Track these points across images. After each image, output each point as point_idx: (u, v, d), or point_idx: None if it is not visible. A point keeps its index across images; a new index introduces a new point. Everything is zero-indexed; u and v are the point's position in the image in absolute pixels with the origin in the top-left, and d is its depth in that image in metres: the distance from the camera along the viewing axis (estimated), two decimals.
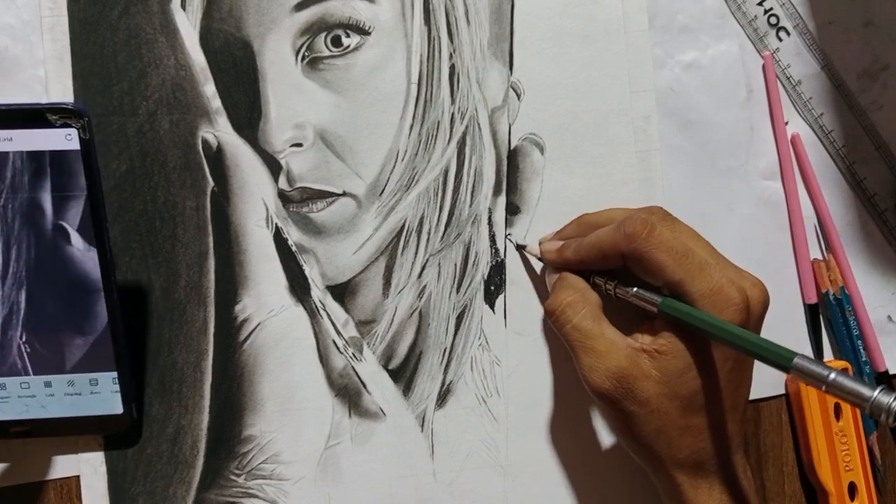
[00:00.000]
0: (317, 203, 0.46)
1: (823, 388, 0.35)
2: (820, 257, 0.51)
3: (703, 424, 0.41)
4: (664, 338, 0.41)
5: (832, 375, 0.35)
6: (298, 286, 0.46)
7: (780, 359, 0.37)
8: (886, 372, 0.51)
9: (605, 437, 0.49)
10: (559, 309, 0.43)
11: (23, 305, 0.41)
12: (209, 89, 0.45)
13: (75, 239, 0.40)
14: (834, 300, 0.50)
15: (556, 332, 0.43)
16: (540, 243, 0.47)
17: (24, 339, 0.42)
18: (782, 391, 0.51)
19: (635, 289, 0.42)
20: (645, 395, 0.40)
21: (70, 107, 0.39)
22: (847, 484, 0.49)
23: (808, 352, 0.51)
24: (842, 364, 0.50)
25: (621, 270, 0.43)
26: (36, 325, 0.42)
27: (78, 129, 0.39)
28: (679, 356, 0.40)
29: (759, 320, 0.41)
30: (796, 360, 0.36)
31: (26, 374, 0.42)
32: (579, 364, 0.42)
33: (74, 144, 0.39)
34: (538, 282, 0.48)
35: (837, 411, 0.49)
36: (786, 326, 0.50)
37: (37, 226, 0.40)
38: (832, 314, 0.50)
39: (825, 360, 0.51)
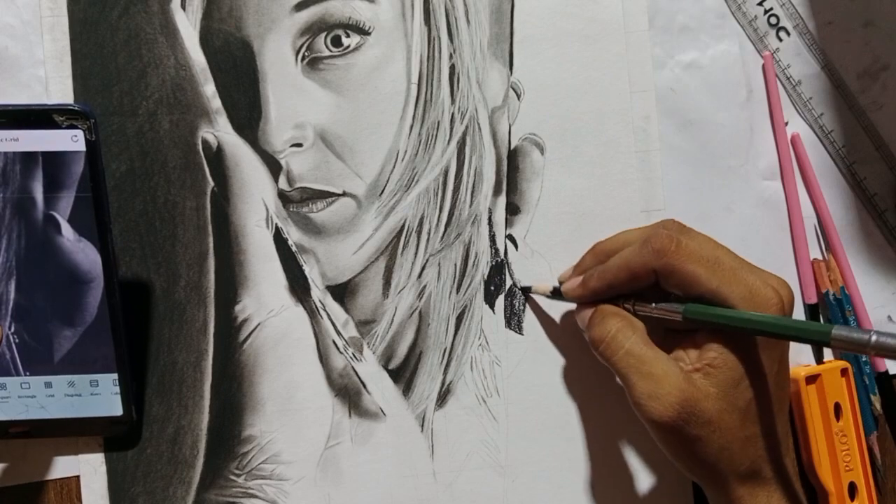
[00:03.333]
0: (317, 203, 0.46)
1: (870, 351, 0.35)
2: (820, 257, 0.51)
3: (759, 432, 0.40)
4: (713, 351, 0.40)
5: (874, 338, 0.35)
6: (298, 286, 0.46)
7: (818, 335, 0.37)
8: (886, 372, 0.51)
9: (605, 437, 0.49)
10: (609, 336, 0.42)
11: (12, 296, 0.41)
12: (209, 89, 0.45)
13: (66, 230, 0.40)
14: (834, 300, 0.50)
15: (604, 362, 0.42)
16: (560, 282, 0.46)
17: (12, 329, 0.41)
18: None
19: (653, 304, 0.42)
20: (707, 415, 0.39)
21: (77, 108, 0.39)
22: (847, 484, 0.49)
23: (809, 352, 0.51)
24: (842, 364, 0.50)
25: (645, 291, 0.43)
26: (25, 316, 0.41)
27: (84, 131, 0.39)
28: (732, 367, 0.40)
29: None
30: (834, 330, 0.36)
31: (14, 365, 0.42)
32: (636, 392, 0.40)
33: (80, 146, 0.39)
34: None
35: (837, 411, 0.49)
36: None
37: (27, 216, 0.40)
38: (832, 314, 0.50)
39: (825, 360, 0.51)
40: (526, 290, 0.48)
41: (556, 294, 0.46)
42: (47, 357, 0.42)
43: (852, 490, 0.50)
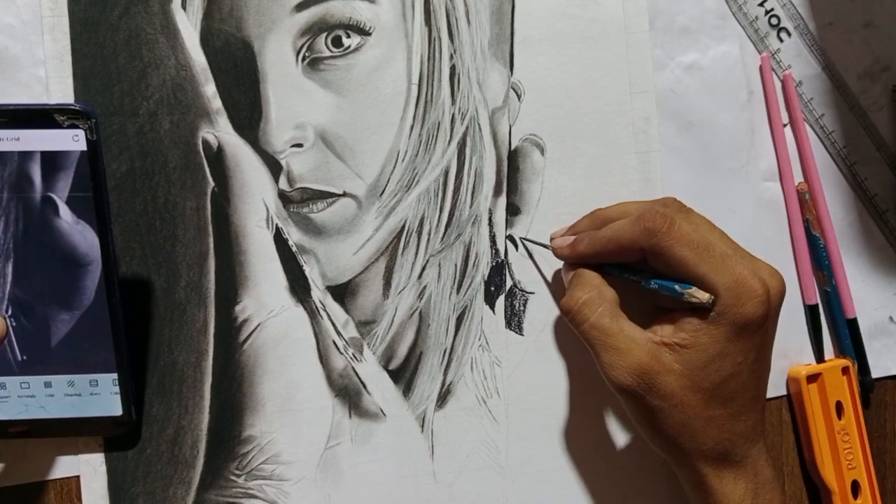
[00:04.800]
0: (317, 203, 0.46)
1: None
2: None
3: (727, 415, 0.41)
4: (685, 331, 0.41)
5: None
6: (299, 287, 0.46)
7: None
8: (855, 319, 0.51)
9: (605, 438, 0.49)
10: (576, 307, 0.43)
11: (9, 279, 0.41)
12: (210, 89, 0.45)
13: (63, 212, 0.40)
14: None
15: (573, 329, 0.43)
16: (551, 238, 0.47)
17: (9, 312, 0.41)
18: (784, 391, 0.51)
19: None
20: (668, 389, 0.40)
21: (78, 108, 0.39)
22: (850, 482, 0.49)
23: (809, 352, 0.51)
24: (843, 363, 0.50)
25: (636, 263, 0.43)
26: (22, 299, 0.41)
27: (85, 131, 0.39)
28: (701, 349, 0.40)
29: (777, 309, 0.42)
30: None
31: (11, 348, 0.42)
32: (600, 362, 0.42)
33: (81, 145, 0.39)
34: (546, 281, 0.48)
35: (839, 410, 0.50)
36: (787, 326, 0.50)
37: (25, 198, 0.40)
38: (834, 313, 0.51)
39: (826, 359, 0.51)
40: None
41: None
42: (44, 341, 0.42)
43: (855, 488, 0.50)
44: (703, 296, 0.40)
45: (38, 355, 0.42)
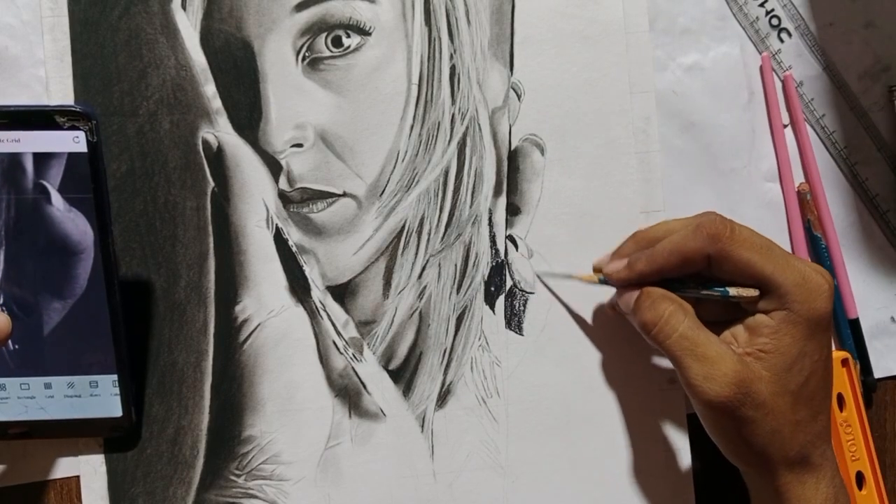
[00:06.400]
0: (317, 203, 0.46)
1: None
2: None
3: (809, 416, 0.41)
4: (764, 335, 0.41)
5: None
6: (298, 287, 0.46)
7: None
8: (857, 319, 0.52)
9: (605, 438, 0.48)
10: (662, 320, 0.42)
11: (1, 266, 0.41)
12: (210, 90, 0.45)
13: (56, 199, 0.40)
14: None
15: (656, 345, 0.42)
16: (596, 269, 0.46)
17: (1, 300, 0.41)
18: None
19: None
20: (761, 397, 0.40)
21: (79, 109, 0.39)
22: (854, 473, 0.49)
23: None
24: (843, 355, 0.50)
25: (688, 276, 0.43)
26: (14, 287, 0.41)
27: (86, 132, 0.39)
28: (783, 352, 0.40)
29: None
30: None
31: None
32: (690, 374, 0.40)
33: (82, 147, 0.39)
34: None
35: (841, 402, 0.50)
36: None
37: (17, 185, 0.40)
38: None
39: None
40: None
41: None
42: (37, 330, 0.42)
43: (860, 480, 0.50)
44: (748, 292, 0.41)
45: (30, 345, 0.42)
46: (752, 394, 0.40)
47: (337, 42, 0.46)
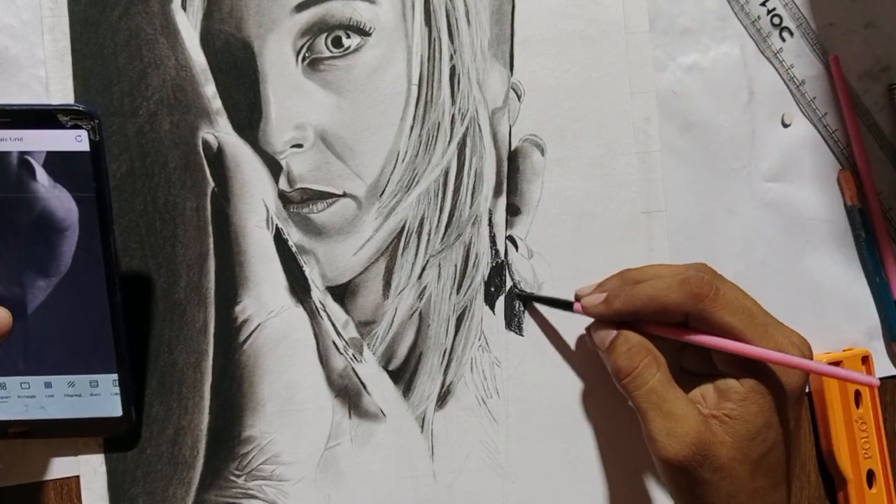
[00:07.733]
0: (317, 204, 0.46)
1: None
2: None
3: (767, 486, 0.40)
4: (732, 401, 0.40)
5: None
6: (298, 287, 0.46)
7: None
8: None
9: (605, 438, 0.48)
10: (636, 371, 0.41)
11: None
12: (210, 90, 0.45)
13: (41, 176, 0.40)
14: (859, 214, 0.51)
15: (624, 392, 0.42)
16: (577, 297, 0.46)
17: None
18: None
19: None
20: (720, 461, 0.39)
21: (81, 108, 0.39)
22: (866, 471, 0.50)
23: (828, 341, 0.51)
24: (863, 352, 0.50)
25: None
26: None
27: (88, 131, 0.39)
28: (749, 420, 0.40)
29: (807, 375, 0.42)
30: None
31: None
32: (653, 428, 0.40)
33: (84, 146, 0.39)
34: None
35: (858, 399, 0.50)
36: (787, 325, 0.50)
37: (2, 165, 0.39)
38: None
39: (843, 349, 0.51)
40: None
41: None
42: (21, 308, 0.41)
43: (870, 477, 0.50)
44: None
45: (15, 324, 0.40)
46: (712, 457, 0.39)
47: (337, 42, 0.46)
